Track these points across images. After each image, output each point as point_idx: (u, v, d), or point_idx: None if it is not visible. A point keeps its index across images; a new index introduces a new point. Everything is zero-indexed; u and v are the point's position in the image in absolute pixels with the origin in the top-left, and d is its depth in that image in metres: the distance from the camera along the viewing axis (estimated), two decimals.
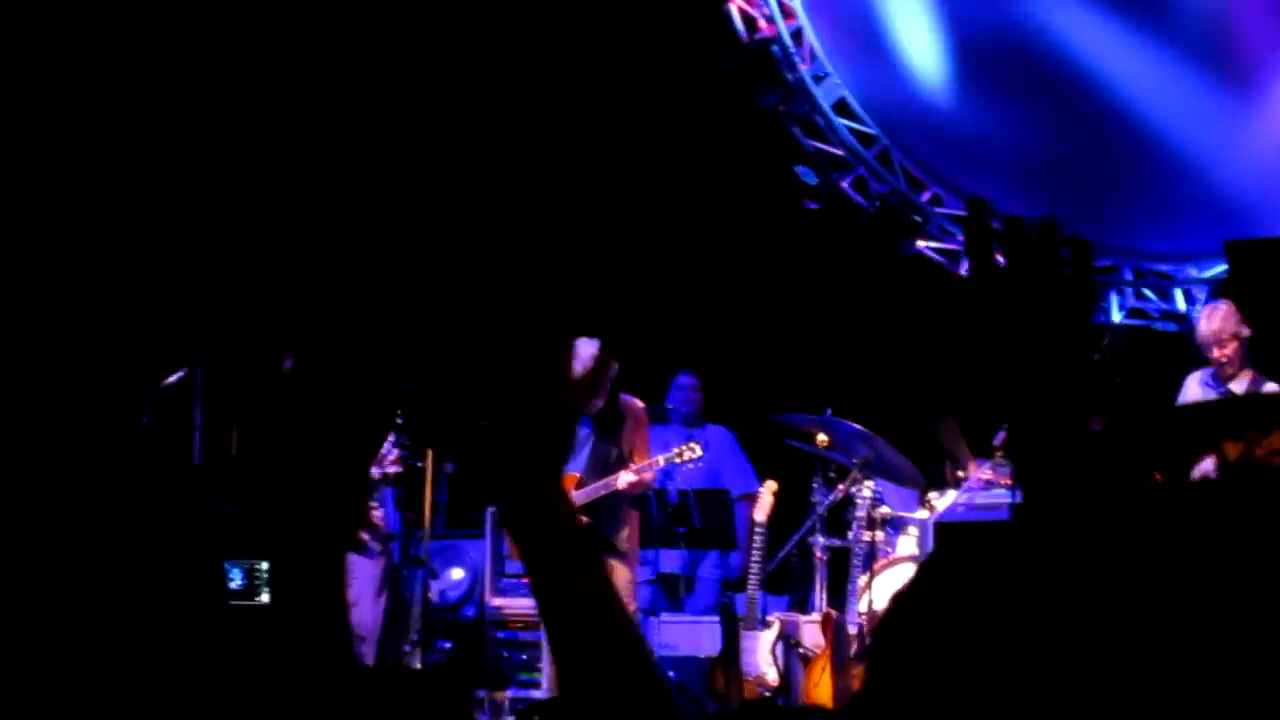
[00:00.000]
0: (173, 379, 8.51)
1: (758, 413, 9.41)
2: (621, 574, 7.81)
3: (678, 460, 7.98)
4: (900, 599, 1.25)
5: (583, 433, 7.92)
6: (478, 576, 9.32)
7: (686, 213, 10.81)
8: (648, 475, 7.87)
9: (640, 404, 8.12)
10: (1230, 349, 7.52)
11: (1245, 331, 7.54)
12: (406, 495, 9.51)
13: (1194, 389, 7.70)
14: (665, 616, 8.91)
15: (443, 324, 1.63)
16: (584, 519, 7.80)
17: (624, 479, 7.80)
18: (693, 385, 9.69)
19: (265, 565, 8.09)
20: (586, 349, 7.97)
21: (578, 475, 7.80)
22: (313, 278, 9.23)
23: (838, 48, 10.84)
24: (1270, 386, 7.49)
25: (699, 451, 7.98)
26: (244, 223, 9.96)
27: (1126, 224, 10.50)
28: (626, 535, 7.92)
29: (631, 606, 7.81)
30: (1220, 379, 7.59)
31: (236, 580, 8.17)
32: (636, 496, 8.03)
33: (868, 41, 10.71)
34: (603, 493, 7.79)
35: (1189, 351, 7.92)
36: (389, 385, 1.66)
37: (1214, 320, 7.60)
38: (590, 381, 7.68)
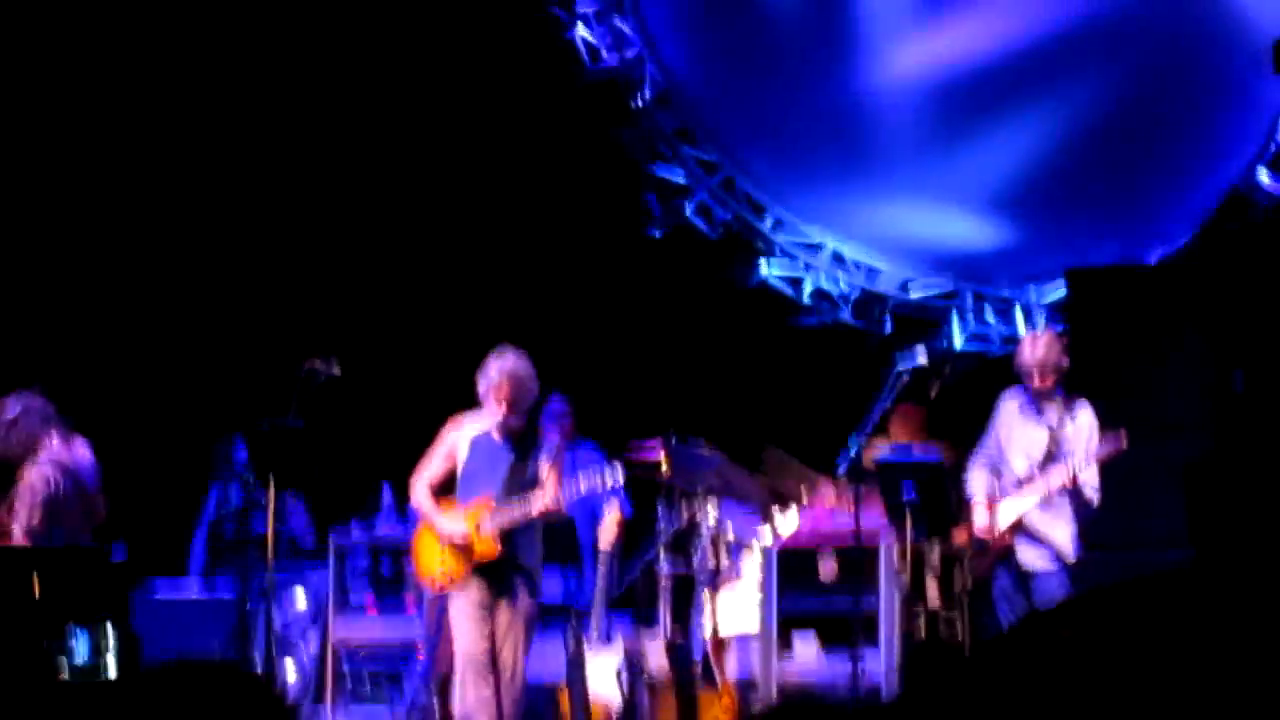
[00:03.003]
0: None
1: (601, 434, 9.31)
2: (529, 607, 7.61)
3: (599, 488, 7.70)
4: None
5: (501, 453, 7.66)
6: (321, 605, 9.18)
7: (535, 237, 10.82)
8: (562, 499, 7.56)
9: (558, 437, 7.88)
10: (1051, 379, 7.65)
11: (1065, 363, 7.68)
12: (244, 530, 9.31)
13: (1011, 413, 7.81)
14: None
15: None
16: (498, 547, 7.49)
17: (540, 503, 7.52)
18: (564, 410, 9.39)
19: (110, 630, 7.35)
20: (511, 362, 7.57)
21: (491, 496, 7.56)
22: None
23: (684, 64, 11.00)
24: (1082, 413, 7.63)
25: (617, 477, 7.70)
26: None
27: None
28: (537, 563, 7.66)
29: (527, 644, 7.62)
30: (1037, 406, 7.71)
31: (80, 652, 7.04)
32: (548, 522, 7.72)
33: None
34: (520, 519, 7.54)
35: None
36: None
37: (1038, 349, 7.69)
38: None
